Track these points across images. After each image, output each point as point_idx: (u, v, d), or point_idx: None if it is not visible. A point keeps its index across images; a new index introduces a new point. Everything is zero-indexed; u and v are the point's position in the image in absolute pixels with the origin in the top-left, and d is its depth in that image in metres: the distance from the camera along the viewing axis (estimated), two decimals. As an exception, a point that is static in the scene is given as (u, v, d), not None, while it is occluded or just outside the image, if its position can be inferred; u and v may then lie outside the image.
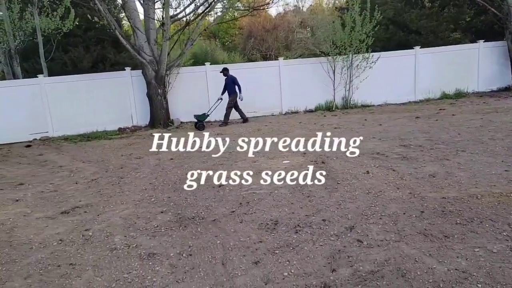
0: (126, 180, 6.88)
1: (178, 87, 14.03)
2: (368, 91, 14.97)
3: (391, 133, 8.85)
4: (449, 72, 15.37)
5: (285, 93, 14.86)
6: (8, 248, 4.29)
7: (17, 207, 5.78)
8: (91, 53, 23.24)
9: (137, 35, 13.12)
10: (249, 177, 6.13)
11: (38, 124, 13.52)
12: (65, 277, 3.57)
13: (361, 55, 14.48)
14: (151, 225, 4.64)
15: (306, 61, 15.40)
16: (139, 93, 13.96)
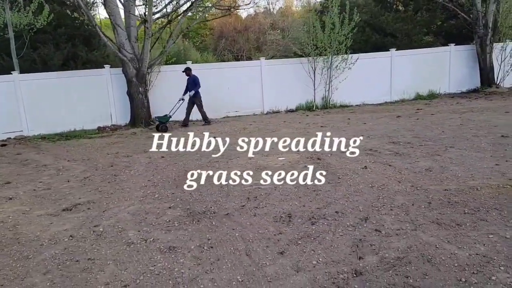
0: (121, 178, 6.80)
1: (159, 85, 13.90)
2: (347, 92, 15.32)
3: (378, 131, 9.13)
4: (422, 74, 15.97)
5: (266, 93, 14.99)
6: (16, 245, 4.19)
7: (12, 205, 5.61)
8: (61, 51, 22.56)
9: (117, 32, 12.90)
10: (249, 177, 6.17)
11: (12, 123, 13.07)
12: (87, 271, 3.53)
13: (340, 56, 14.80)
14: (163, 220, 4.63)
15: (288, 61, 15.60)
16: (119, 92, 13.72)
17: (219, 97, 14.44)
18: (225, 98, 14.74)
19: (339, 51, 14.60)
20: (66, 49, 22.67)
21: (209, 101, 14.16)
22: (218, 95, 14.43)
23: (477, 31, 15.70)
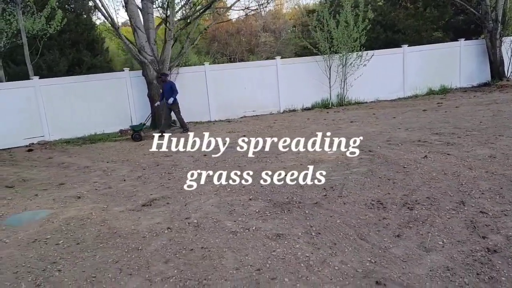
0: (178, 175, 6.83)
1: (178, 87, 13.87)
2: (361, 89, 15.51)
3: (413, 124, 9.28)
4: (434, 69, 16.22)
5: (282, 92, 15.10)
6: (118, 238, 4.22)
7: (85, 203, 5.63)
8: (66, 56, 22.49)
9: (138, 34, 12.91)
10: (310, 168, 6.26)
11: (33, 128, 13.00)
12: (208, 259, 3.59)
13: (355, 53, 14.96)
14: (252, 211, 4.69)
15: (303, 60, 15.73)
16: (138, 94, 13.72)
17: (236, 97, 14.53)
18: (242, 98, 14.82)
19: (354, 49, 14.75)
20: (71, 55, 22.58)
21: (226, 101, 14.36)
22: (235, 95, 14.52)
23: (487, 26, 16.00)
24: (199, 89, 14.13)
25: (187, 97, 13.78)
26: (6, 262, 3.91)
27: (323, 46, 14.67)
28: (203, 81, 14.41)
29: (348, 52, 14.76)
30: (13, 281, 3.53)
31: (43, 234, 4.57)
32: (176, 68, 13.89)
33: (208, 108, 14.52)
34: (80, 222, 4.86)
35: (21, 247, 4.27)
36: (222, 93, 14.37)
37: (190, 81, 14.03)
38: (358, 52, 14.82)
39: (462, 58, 16.64)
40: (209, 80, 14.26)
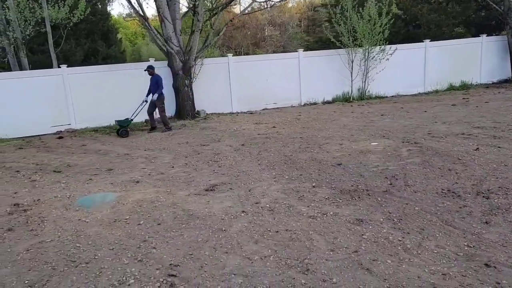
0: (224, 163, 6.94)
1: (201, 78, 13.95)
2: (382, 83, 15.56)
3: (447, 118, 9.38)
4: (455, 64, 16.26)
5: (304, 85, 15.16)
6: (198, 220, 4.35)
7: (146, 187, 5.73)
8: (82, 46, 22.53)
9: (165, 25, 12.95)
10: (360, 156, 6.37)
11: (60, 116, 13.04)
12: (298, 241, 3.71)
13: (378, 47, 14.99)
14: (321, 197, 4.80)
15: (325, 52, 15.75)
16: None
17: (257, 89, 14.58)
18: (263, 90, 14.87)
19: (377, 42, 14.78)
20: (86, 45, 22.61)
21: (248, 93, 14.46)
22: (257, 87, 14.57)
23: (509, 22, 16.04)
24: (222, 80, 14.20)
25: (211, 88, 13.97)
26: (98, 240, 4.01)
27: (346, 39, 14.68)
28: (226, 72, 14.45)
29: (371, 46, 14.77)
30: (113, 256, 3.64)
31: (120, 215, 4.67)
32: (200, 59, 13.91)
33: (230, 99, 14.58)
34: (151, 205, 4.96)
35: (104, 226, 4.37)
36: (244, 85, 14.45)
37: (214, 73, 14.09)
38: (381, 46, 14.82)
39: (483, 54, 16.67)
40: (232, 72, 14.32)
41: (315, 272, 3.14)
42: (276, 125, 10.66)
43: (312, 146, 7.68)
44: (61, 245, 3.92)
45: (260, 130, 10.01)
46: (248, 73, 14.35)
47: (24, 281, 3.30)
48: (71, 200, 5.33)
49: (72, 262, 3.57)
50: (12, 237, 4.21)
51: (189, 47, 13.04)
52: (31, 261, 3.64)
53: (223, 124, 11.71)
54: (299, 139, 8.45)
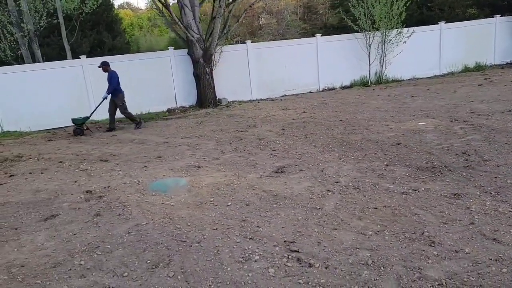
0: (277, 147, 6.93)
1: (220, 66, 13.85)
2: (398, 66, 15.57)
3: (481, 97, 9.43)
4: (469, 46, 16.29)
5: (322, 70, 15.12)
6: (286, 200, 4.33)
7: (210, 172, 5.73)
8: (88, 38, 22.30)
9: (185, 12, 12.82)
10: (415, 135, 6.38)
11: (80, 108, 12.89)
12: (403, 216, 3.72)
13: (395, 30, 14.96)
14: (401, 174, 4.84)
15: (343, 37, 15.69)
16: (182, 73, 13.68)
17: (276, 76, 14.54)
18: (282, 76, 14.83)
19: (394, 25, 14.74)
20: (92, 36, 22.36)
21: (267, 80, 14.46)
22: (275, 74, 14.53)
23: (523, 2, 16.00)
24: (240, 68, 14.13)
25: (230, 76, 13.96)
26: (195, 221, 4.01)
27: (364, 23, 14.61)
28: (245, 59, 14.37)
29: (388, 29, 14.72)
30: (221, 236, 3.68)
31: (202, 197, 4.65)
32: (220, 46, 13.80)
33: (249, 86, 14.52)
34: (229, 187, 4.94)
35: (192, 208, 4.35)
36: (263, 72, 14.39)
37: (233, 60, 14.02)
38: (398, 29, 14.79)
39: (497, 34, 16.71)
40: (251, 59, 14.25)
41: (442, 244, 3.15)
42: (306, 110, 10.63)
43: (357, 128, 7.67)
44: (160, 227, 3.89)
45: (292, 115, 9.98)
46: (267, 59, 14.30)
47: (145, 260, 3.29)
48: (142, 185, 5.29)
49: (183, 242, 3.55)
50: (104, 221, 4.18)
51: (212, 34, 12.87)
52: (140, 242, 3.62)
53: (249, 111, 11.65)
54: (339, 122, 8.43)
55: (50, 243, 3.78)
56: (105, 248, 3.58)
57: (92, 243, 3.68)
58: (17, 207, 4.86)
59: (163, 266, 3.18)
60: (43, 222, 4.32)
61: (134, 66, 13.13)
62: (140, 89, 13.17)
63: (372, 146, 6.22)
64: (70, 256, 3.48)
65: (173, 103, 13.78)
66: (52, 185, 5.80)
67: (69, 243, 3.75)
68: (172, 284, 2.91)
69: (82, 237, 3.85)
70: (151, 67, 13.31)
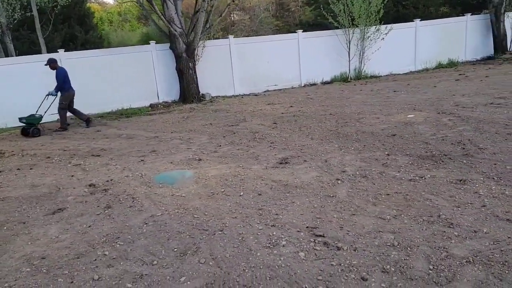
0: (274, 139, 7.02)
1: (202, 60, 13.81)
2: (376, 63, 15.97)
3: (461, 91, 9.82)
4: (442, 43, 16.89)
5: (303, 66, 15.33)
6: (299, 189, 4.42)
7: (213, 164, 5.75)
8: (59, 32, 21.79)
9: (167, 6, 12.71)
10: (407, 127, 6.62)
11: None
12: (415, 200, 3.89)
13: (373, 27, 15.32)
14: (404, 163, 5.04)
15: (323, 33, 15.91)
16: (163, 68, 13.56)
17: (258, 71, 14.64)
18: (264, 71, 14.93)
19: (372, 22, 15.09)
20: (63, 30, 21.83)
21: (249, 75, 14.55)
22: (258, 69, 14.63)
23: (492, 0, 16.72)
24: (223, 63, 14.14)
25: (212, 71, 13.94)
26: (211, 211, 4.05)
27: (343, 19, 14.88)
28: (227, 54, 14.38)
29: (368, 26, 15.06)
30: (242, 224, 3.72)
31: (212, 188, 4.67)
32: (202, 41, 13.74)
33: (232, 82, 14.55)
34: (236, 178, 4.98)
35: (205, 199, 4.37)
36: (245, 67, 14.44)
37: (215, 55, 13.99)
38: (376, 25, 15.14)
39: (468, 32, 17.37)
40: (233, 54, 14.27)
41: (460, 225, 3.30)
42: (292, 105, 10.75)
43: (349, 121, 7.84)
44: (177, 218, 3.89)
45: (279, 110, 10.08)
46: (249, 54, 14.36)
47: (171, 249, 3.29)
48: (146, 178, 5.25)
49: (205, 230, 3.57)
50: (117, 213, 4.14)
51: (195, 29, 12.78)
52: (161, 232, 3.61)
53: (234, 106, 11.67)
54: (329, 116, 8.58)
55: (66, 236, 3.71)
56: (126, 238, 3.55)
57: (111, 234, 3.64)
58: (18, 202, 4.72)
59: (192, 254, 3.19)
60: (51, 216, 4.22)
61: (114, 60, 12.92)
62: (121, 84, 12.96)
63: (368, 137, 6.37)
64: (91, 247, 3.43)
65: (155, 98, 13.62)
66: (48, 180, 5.66)
67: (86, 235, 3.69)
68: (205, 270, 2.93)
69: (98, 229, 3.79)
70: (132, 61, 13.12)
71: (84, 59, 12.65)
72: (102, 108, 12.93)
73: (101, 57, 13.02)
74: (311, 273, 2.80)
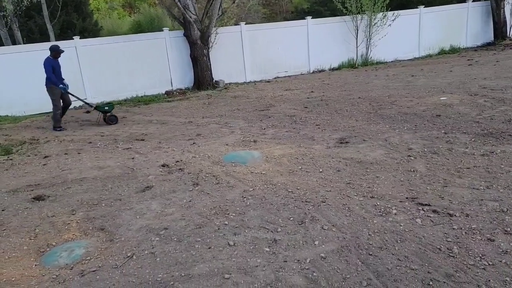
0: (317, 121, 7.22)
1: (215, 48, 13.85)
2: (382, 49, 16.26)
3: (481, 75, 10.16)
4: (444, 29, 17.26)
5: (312, 52, 15.50)
6: (375, 165, 4.62)
7: (272, 145, 5.90)
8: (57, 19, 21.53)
9: (182, -8, 12.65)
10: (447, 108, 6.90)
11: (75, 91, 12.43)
12: (497, 173, 4.10)
13: (381, 13, 15.56)
14: (467, 141, 5.28)
15: (332, 20, 16.09)
16: (177, 55, 13.57)
17: (269, 57, 14.74)
18: (275, 58, 15.05)
19: (380, 9, 15.33)
20: (61, 17, 21.54)
21: (260, 62, 14.71)
22: (269, 56, 14.73)
23: (493, -13, 17.11)
24: (235, 49, 14.22)
25: (224, 57, 13.99)
26: (302, 185, 4.21)
27: (353, 6, 15.06)
28: (239, 41, 14.45)
29: (376, 12, 15.29)
30: (340, 196, 3.89)
31: (287, 167, 4.85)
32: (215, 28, 13.77)
33: (243, 68, 14.63)
34: (306, 157, 5.16)
35: (287, 176, 4.56)
36: (256, 54, 14.55)
37: (227, 42, 14.04)
38: (384, 12, 15.39)
39: (469, 18, 17.78)
40: (245, 41, 14.34)
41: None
42: (313, 90, 10.94)
43: (382, 104, 8.07)
44: (271, 192, 4.06)
45: (301, 95, 10.24)
46: (260, 41, 14.47)
47: (287, 218, 3.48)
48: (214, 159, 5.39)
49: (308, 202, 3.77)
50: (208, 189, 4.28)
51: (210, 15, 12.79)
52: (266, 204, 3.79)
53: (251, 92, 11.79)
54: (359, 100, 8.80)
55: (171, 209, 3.84)
56: (235, 210, 3.70)
57: (217, 207, 3.79)
58: (101, 182, 4.80)
59: (310, 222, 3.37)
60: (142, 193, 4.34)
61: (131, 48, 12.85)
62: (135, 71, 12.96)
63: (414, 118, 6.61)
64: (206, 219, 3.57)
65: (169, 85, 13.64)
66: (111, 162, 5.74)
67: (192, 208, 3.83)
68: (333, 235, 3.12)
69: (201, 203, 3.94)
70: (146, 49, 13.10)
71: (99, 46, 12.54)
72: (116, 96, 12.90)
73: (115, 44, 12.94)
74: (438, 236, 3.01)
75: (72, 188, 4.64)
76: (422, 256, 2.79)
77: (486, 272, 2.57)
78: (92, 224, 3.68)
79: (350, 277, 2.62)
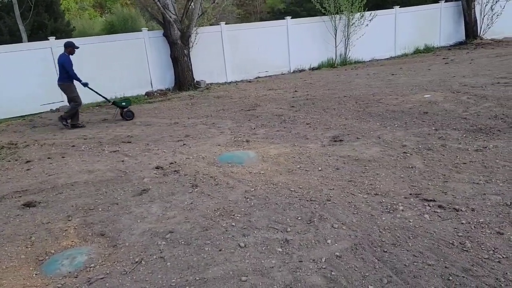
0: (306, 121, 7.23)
1: (196, 48, 13.73)
2: (360, 49, 16.51)
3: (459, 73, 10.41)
4: (419, 29, 17.67)
5: (292, 52, 15.57)
6: (373, 162, 4.68)
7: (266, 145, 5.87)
8: (27, 20, 20.99)
9: (161, -9, 12.48)
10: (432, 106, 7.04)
11: (51, 93, 12.15)
12: (493, 167, 4.20)
13: (358, 14, 15.80)
14: (459, 137, 5.37)
15: (311, 20, 16.20)
16: (156, 56, 13.37)
17: (250, 57, 14.71)
18: (255, 58, 15.05)
19: (357, 9, 15.55)
20: (32, 18, 21.01)
21: (240, 61, 14.63)
22: (249, 56, 14.70)
23: (464, -13, 17.61)
24: (215, 49, 14.13)
25: (205, 58, 13.85)
26: (303, 184, 4.21)
27: (332, 7, 15.21)
28: (219, 41, 14.37)
29: (354, 12, 15.50)
30: (343, 194, 3.88)
31: (285, 166, 4.83)
32: (195, 28, 13.65)
33: (224, 68, 14.56)
34: (303, 155, 5.15)
35: (287, 175, 4.53)
36: (237, 54, 14.50)
37: (208, 42, 13.93)
38: (362, 12, 15.62)
39: (442, 18, 18.26)
40: (225, 41, 14.27)
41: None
42: (297, 90, 10.96)
43: (368, 102, 8.16)
44: (274, 192, 4.02)
45: (285, 95, 10.25)
46: (241, 41, 14.43)
47: (294, 217, 3.46)
48: (208, 160, 5.31)
49: (313, 201, 3.75)
50: (208, 191, 4.22)
51: (186, 15, 12.66)
52: (270, 204, 3.73)
53: (234, 92, 11.73)
54: (345, 98, 8.87)
55: (173, 212, 3.75)
56: (239, 211, 3.64)
57: (220, 209, 3.72)
58: (93, 186, 4.65)
59: (318, 220, 3.35)
60: (140, 197, 4.22)
61: (108, 48, 12.57)
62: (114, 72, 12.66)
63: (403, 115, 6.70)
64: (212, 221, 3.50)
65: (149, 86, 13.42)
66: (100, 165, 5.58)
67: (195, 210, 3.75)
68: (344, 233, 3.11)
69: (203, 205, 3.86)
70: (124, 49, 12.83)
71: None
72: (95, 98, 12.51)
73: (92, 44, 12.60)
74: (449, 231, 3.04)
75: (64, 193, 4.46)
76: (436, 251, 2.80)
77: (501, 265, 2.59)
78: (91, 230, 3.54)
79: (369, 275, 2.60)
